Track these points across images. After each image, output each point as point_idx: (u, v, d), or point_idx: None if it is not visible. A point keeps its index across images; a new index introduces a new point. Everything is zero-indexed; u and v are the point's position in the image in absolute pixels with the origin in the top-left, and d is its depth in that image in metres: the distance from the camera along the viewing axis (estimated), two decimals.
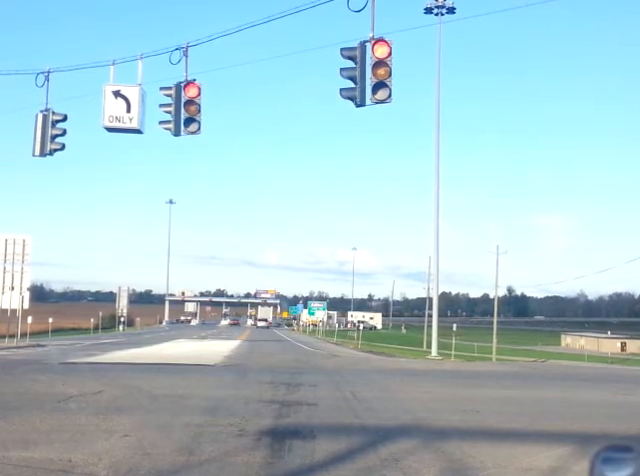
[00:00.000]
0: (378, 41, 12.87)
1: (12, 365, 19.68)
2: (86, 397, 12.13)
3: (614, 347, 61.21)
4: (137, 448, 7.77)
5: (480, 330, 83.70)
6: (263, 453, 7.68)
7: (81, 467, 6.86)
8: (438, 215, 38.60)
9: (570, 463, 7.53)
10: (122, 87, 15.68)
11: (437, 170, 38.41)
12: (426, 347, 45.27)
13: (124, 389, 13.36)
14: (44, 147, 16.54)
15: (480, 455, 7.87)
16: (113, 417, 9.91)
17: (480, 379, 19.49)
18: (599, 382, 20.34)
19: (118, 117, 15.53)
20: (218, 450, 7.79)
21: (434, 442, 8.56)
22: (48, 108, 16.56)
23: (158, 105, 15.76)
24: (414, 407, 12.06)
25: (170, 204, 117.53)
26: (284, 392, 13.47)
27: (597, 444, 2.75)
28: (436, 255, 39.63)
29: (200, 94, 15.43)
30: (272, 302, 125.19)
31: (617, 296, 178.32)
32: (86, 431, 8.76)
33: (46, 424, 9.23)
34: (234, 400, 12.30)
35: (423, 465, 7.33)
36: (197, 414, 10.38)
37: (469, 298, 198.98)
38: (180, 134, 15.61)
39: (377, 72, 12.79)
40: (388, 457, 7.63)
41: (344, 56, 13.13)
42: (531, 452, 8.15)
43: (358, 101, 13.02)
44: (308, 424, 9.71)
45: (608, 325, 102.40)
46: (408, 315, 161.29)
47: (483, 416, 10.98)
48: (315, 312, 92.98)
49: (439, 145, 38.88)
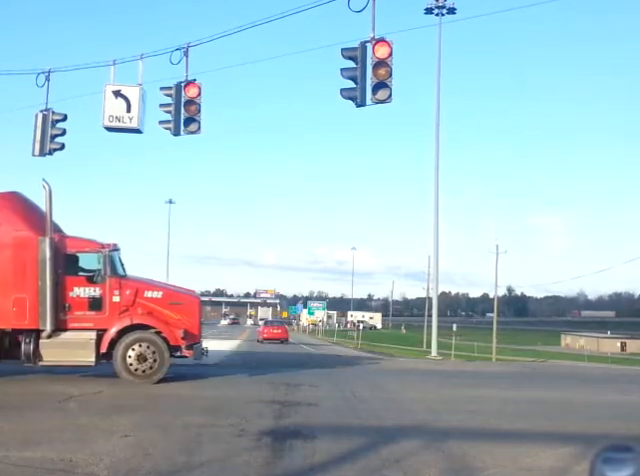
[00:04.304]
0: (379, 41, 12.90)
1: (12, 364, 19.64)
2: (86, 397, 12.14)
3: (614, 347, 61.27)
4: (137, 448, 7.77)
5: (480, 330, 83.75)
6: (264, 453, 7.68)
7: (82, 467, 6.87)
8: (438, 215, 38.67)
9: (571, 463, 7.53)
10: (122, 87, 15.70)
11: (437, 170, 38.46)
12: (426, 347, 45.34)
13: (124, 389, 13.37)
14: (44, 147, 16.56)
15: (481, 455, 7.88)
16: (113, 417, 9.92)
17: (480, 379, 19.49)
18: (599, 382, 20.34)
19: (118, 117, 15.55)
20: (219, 450, 7.80)
21: (435, 442, 8.56)
22: (48, 108, 16.58)
23: (158, 105, 15.79)
24: (414, 407, 12.06)
25: (170, 204, 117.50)
26: (284, 392, 13.47)
27: (598, 444, 2.75)
28: (435, 255, 39.69)
29: (200, 94, 15.46)
30: (272, 302, 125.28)
31: (617, 296, 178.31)
32: (86, 431, 8.76)
33: (46, 424, 9.23)
34: (234, 400, 12.30)
35: (424, 465, 7.33)
36: (197, 414, 10.38)
37: (469, 298, 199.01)
38: (180, 134, 15.64)
39: (378, 72, 12.81)
40: (389, 457, 7.63)
41: (345, 56, 13.16)
42: (532, 452, 8.15)
43: (359, 101, 13.04)
44: (308, 424, 9.71)
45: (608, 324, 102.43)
46: (408, 315, 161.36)
47: (483, 416, 10.99)
48: (315, 312, 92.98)
49: (439, 145, 38.94)
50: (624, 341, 70.43)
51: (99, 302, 14.12)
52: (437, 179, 38.44)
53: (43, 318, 13.58)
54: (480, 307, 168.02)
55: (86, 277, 14.29)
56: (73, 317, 13.96)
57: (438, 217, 38.65)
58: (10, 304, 13.64)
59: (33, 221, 14.14)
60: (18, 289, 13.69)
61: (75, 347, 13.86)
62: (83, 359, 13.88)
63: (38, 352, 13.72)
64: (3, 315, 13.65)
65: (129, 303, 14.23)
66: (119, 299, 14.16)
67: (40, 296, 13.59)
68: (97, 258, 14.27)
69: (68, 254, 14.19)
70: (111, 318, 14.10)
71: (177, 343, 14.26)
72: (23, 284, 13.69)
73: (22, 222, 14.02)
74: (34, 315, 13.61)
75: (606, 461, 2.47)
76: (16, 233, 13.87)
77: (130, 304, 14.23)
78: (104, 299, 14.13)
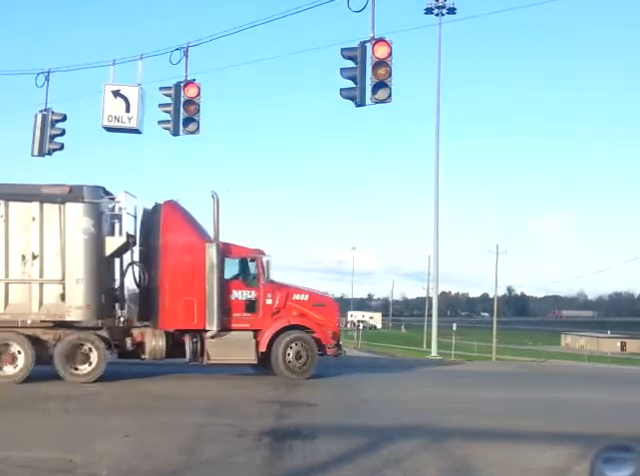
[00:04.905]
0: (378, 41, 12.88)
1: None
2: (86, 397, 12.14)
3: (614, 347, 61.31)
4: (137, 448, 7.77)
5: (480, 330, 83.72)
6: (263, 453, 7.68)
7: (82, 467, 6.87)
8: (438, 215, 38.67)
9: (571, 463, 7.52)
10: (122, 87, 15.68)
11: (437, 170, 38.48)
12: (426, 347, 45.32)
13: (124, 389, 13.37)
14: (43, 147, 16.54)
15: (481, 455, 7.88)
16: (113, 417, 9.92)
17: (480, 379, 19.48)
18: (599, 382, 20.34)
19: (117, 117, 15.53)
20: (219, 450, 7.80)
21: (435, 442, 8.56)
22: (47, 108, 16.56)
23: (157, 105, 15.77)
24: (415, 407, 12.06)
25: None
26: (284, 392, 13.47)
27: (598, 444, 2.75)
28: (435, 255, 39.69)
29: (199, 94, 15.44)
30: None
31: (617, 295, 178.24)
32: (86, 431, 8.76)
33: (47, 424, 9.23)
34: (234, 400, 12.30)
35: (424, 465, 7.34)
36: (197, 414, 10.38)
37: (469, 298, 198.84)
38: (179, 134, 15.62)
39: (377, 72, 12.80)
40: (389, 457, 7.63)
41: (344, 56, 13.14)
42: (532, 452, 8.15)
43: (358, 101, 13.02)
44: (309, 424, 9.71)
45: (607, 324, 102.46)
46: (408, 315, 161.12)
47: (484, 416, 10.97)
48: None
49: (439, 144, 38.97)
50: (624, 341, 70.47)
51: (254, 305, 15.14)
52: (437, 179, 38.49)
53: (210, 319, 14.43)
54: (480, 307, 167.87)
55: (243, 281, 15.33)
56: (233, 318, 14.92)
57: (438, 217, 38.69)
58: (180, 306, 14.55)
59: (197, 228, 15.24)
60: (187, 292, 14.59)
61: (239, 346, 14.79)
62: (246, 358, 14.87)
63: (205, 351, 14.54)
64: (174, 316, 14.55)
65: (281, 306, 15.32)
66: (271, 302, 15.23)
67: (207, 299, 14.42)
68: (253, 264, 15.41)
69: (229, 259, 15.21)
70: (264, 320, 15.10)
71: (328, 342, 15.45)
72: (192, 287, 14.54)
73: (190, 229, 15.08)
74: (202, 316, 14.45)
75: (606, 461, 2.48)
76: (186, 240, 14.91)
77: (282, 307, 15.34)
78: (258, 302, 15.15)
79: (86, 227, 13.89)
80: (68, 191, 13.95)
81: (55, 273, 13.85)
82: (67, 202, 13.83)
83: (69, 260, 13.82)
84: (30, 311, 13.74)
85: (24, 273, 13.84)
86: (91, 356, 13.89)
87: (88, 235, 13.90)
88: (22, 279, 13.86)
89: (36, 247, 13.77)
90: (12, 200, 13.86)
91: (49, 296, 13.82)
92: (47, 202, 13.86)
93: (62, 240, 13.83)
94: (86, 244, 13.88)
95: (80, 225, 13.86)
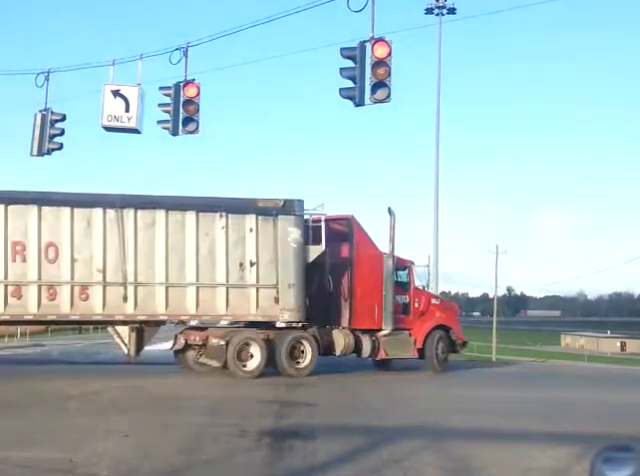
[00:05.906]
0: (378, 41, 12.85)
1: (13, 364, 19.66)
2: (86, 397, 12.13)
3: (614, 347, 61.29)
4: (137, 448, 7.77)
5: (479, 329, 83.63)
6: (264, 453, 7.68)
7: (82, 467, 6.86)
8: (438, 214, 38.76)
9: (571, 463, 7.52)
10: (122, 87, 15.66)
11: (437, 169, 38.58)
12: None
13: (124, 389, 13.37)
14: (42, 147, 16.51)
15: (481, 455, 7.87)
16: (113, 417, 9.91)
17: (480, 379, 19.50)
18: (599, 382, 20.36)
19: (117, 116, 15.50)
20: (219, 450, 7.80)
21: (435, 442, 8.55)
22: (47, 108, 16.54)
23: (157, 104, 15.75)
24: (415, 407, 12.07)
25: None
26: (284, 392, 13.48)
27: (598, 444, 2.75)
28: (435, 255, 39.74)
29: (199, 94, 15.41)
30: None
31: (617, 295, 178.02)
32: (86, 431, 8.76)
33: (46, 424, 9.23)
34: (234, 400, 12.31)
35: (424, 465, 7.33)
36: (197, 414, 10.38)
37: (469, 298, 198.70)
38: (178, 134, 15.59)
39: (377, 72, 12.77)
40: (389, 457, 7.62)
41: (344, 56, 13.12)
42: (532, 452, 8.14)
43: (357, 101, 13.00)
44: (309, 424, 9.71)
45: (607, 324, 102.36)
46: None
47: (484, 416, 10.97)
48: None
49: (439, 144, 39.09)
50: (624, 341, 70.41)
51: (407, 308, 17.78)
52: (437, 179, 38.58)
53: (386, 320, 16.73)
54: (480, 307, 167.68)
55: (401, 287, 17.65)
56: (396, 319, 17.07)
57: (438, 217, 38.79)
58: (366, 309, 16.74)
59: (372, 240, 17.34)
60: (371, 297, 16.77)
61: (405, 344, 17.32)
62: (410, 354, 17.56)
63: (381, 348, 16.78)
64: (362, 318, 16.72)
65: (425, 309, 18.00)
66: (418, 305, 17.92)
67: (385, 303, 16.70)
68: (404, 272, 17.89)
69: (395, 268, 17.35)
70: (413, 320, 17.73)
71: (461, 339, 18.43)
72: (374, 293, 16.76)
73: (370, 242, 17.26)
74: (380, 318, 16.72)
75: (606, 461, 2.47)
76: (371, 252, 17.12)
77: (425, 309, 18.00)
78: (410, 305, 17.82)
79: (296, 237, 15.61)
80: (282, 205, 15.62)
81: (270, 279, 15.49)
82: (280, 215, 15.51)
83: (282, 267, 15.50)
84: (249, 312, 15.52)
85: (242, 278, 15.45)
86: (306, 352, 15.80)
87: (297, 244, 15.63)
88: (242, 284, 15.44)
89: (253, 255, 15.42)
90: (231, 212, 15.40)
91: (264, 299, 15.48)
92: (262, 215, 15.47)
93: (275, 249, 15.49)
94: (295, 252, 15.60)
95: (291, 235, 15.58)
